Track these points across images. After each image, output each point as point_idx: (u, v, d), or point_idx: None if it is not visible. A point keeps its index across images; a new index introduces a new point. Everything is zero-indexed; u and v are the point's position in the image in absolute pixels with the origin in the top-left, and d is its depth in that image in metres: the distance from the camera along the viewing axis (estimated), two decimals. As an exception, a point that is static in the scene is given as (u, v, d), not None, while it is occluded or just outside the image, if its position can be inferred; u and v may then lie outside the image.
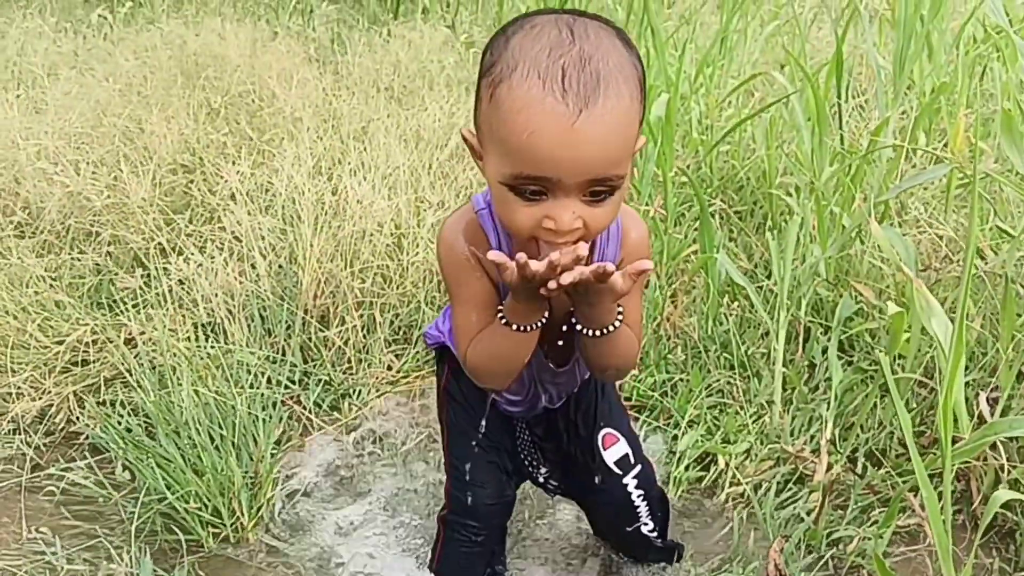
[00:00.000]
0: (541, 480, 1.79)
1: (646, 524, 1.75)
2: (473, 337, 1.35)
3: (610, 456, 1.68)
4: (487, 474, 1.68)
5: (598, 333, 1.30)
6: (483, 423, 1.62)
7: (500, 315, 1.30)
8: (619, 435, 1.70)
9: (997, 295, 2.29)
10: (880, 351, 2.24)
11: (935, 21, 3.71)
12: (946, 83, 2.82)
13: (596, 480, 1.69)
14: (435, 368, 1.78)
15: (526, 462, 1.77)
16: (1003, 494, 1.48)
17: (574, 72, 1.09)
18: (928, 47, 3.76)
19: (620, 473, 1.70)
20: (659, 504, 1.78)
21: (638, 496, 1.71)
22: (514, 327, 1.29)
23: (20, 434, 2.30)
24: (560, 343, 1.47)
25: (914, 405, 2.26)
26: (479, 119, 1.21)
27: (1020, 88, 3.06)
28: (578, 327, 1.31)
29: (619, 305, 1.29)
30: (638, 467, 1.71)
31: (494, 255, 1.15)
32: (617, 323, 1.29)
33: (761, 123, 3.38)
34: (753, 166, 3.42)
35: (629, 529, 1.75)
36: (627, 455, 1.70)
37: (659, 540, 1.81)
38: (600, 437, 1.69)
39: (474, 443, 1.65)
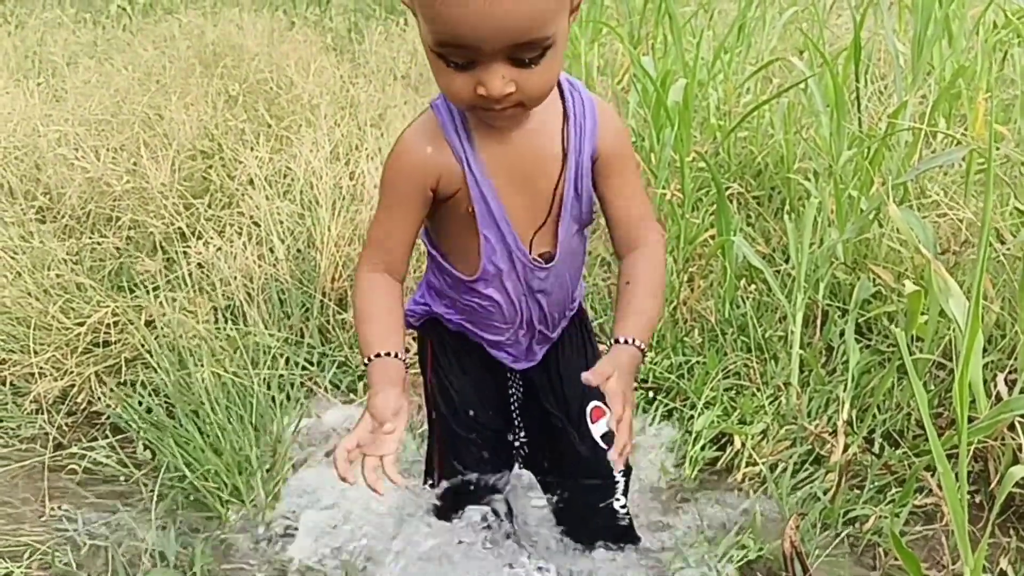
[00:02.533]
0: (516, 444, 1.73)
1: (619, 500, 1.69)
2: (384, 253, 1.40)
3: (597, 430, 1.64)
4: (476, 466, 1.67)
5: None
6: (470, 412, 1.63)
7: (367, 360, 1.37)
8: (606, 408, 1.67)
9: (1015, 277, 2.28)
10: (889, 337, 2.24)
11: (955, 6, 3.69)
12: (964, 67, 2.79)
13: (581, 451, 1.64)
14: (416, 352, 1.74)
15: (515, 419, 1.72)
16: (1018, 470, 1.48)
17: None
18: (948, 32, 3.74)
19: (605, 448, 1.63)
20: (628, 480, 1.73)
21: (618, 471, 1.68)
22: (364, 364, 1.38)
23: (43, 414, 2.33)
24: (542, 230, 1.44)
25: (932, 387, 2.25)
26: None
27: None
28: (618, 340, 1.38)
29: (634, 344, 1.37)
30: None
31: None
32: (644, 350, 1.36)
33: (779, 108, 3.37)
34: (771, 151, 3.41)
35: (601, 505, 1.69)
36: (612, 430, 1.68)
37: (626, 518, 1.73)
38: (589, 409, 1.65)
39: (471, 434, 1.65)
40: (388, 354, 1.35)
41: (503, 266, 1.44)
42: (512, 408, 1.72)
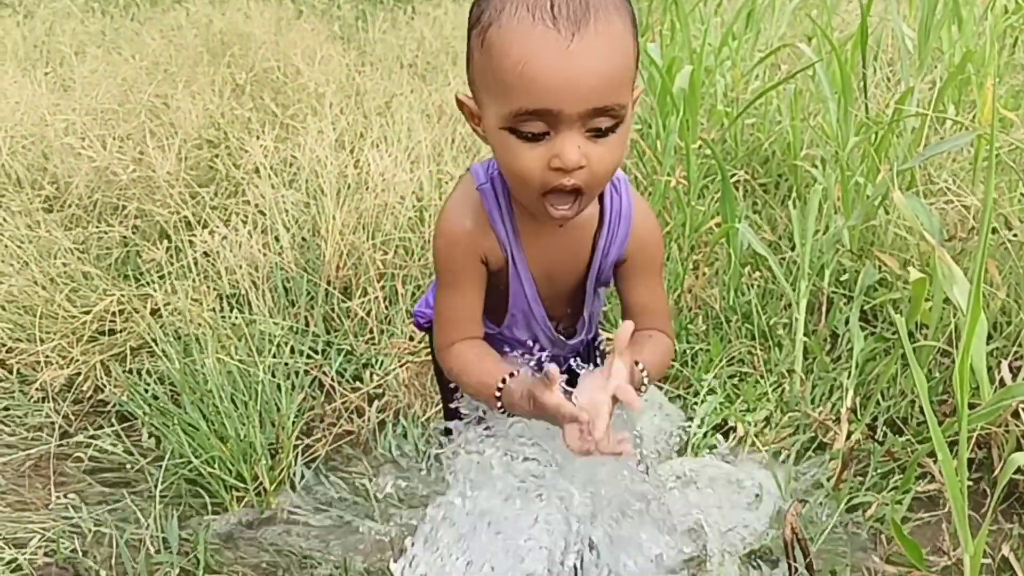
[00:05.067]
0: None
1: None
2: (459, 328, 1.39)
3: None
4: None
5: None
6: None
7: (498, 391, 1.30)
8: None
9: (1022, 264, 2.27)
10: (894, 324, 2.23)
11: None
12: (971, 52, 2.77)
13: None
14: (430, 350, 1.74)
15: None
16: (1020, 456, 1.47)
17: (563, 1, 1.09)
18: (957, 17, 3.71)
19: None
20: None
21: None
22: (499, 407, 1.31)
23: (49, 402, 2.35)
24: (568, 311, 1.48)
25: (937, 374, 2.25)
26: (473, 73, 1.20)
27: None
28: None
29: (638, 364, 1.31)
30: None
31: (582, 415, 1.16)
32: (645, 382, 1.32)
33: (786, 95, 3.35)
34: (778, 138, 3.39)
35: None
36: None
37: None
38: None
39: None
40: (511, 375, 1.31)
41: (526, 330, 1.49)
42: None
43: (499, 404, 1.31)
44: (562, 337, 1.51)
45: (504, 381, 1.30)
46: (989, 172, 1.41)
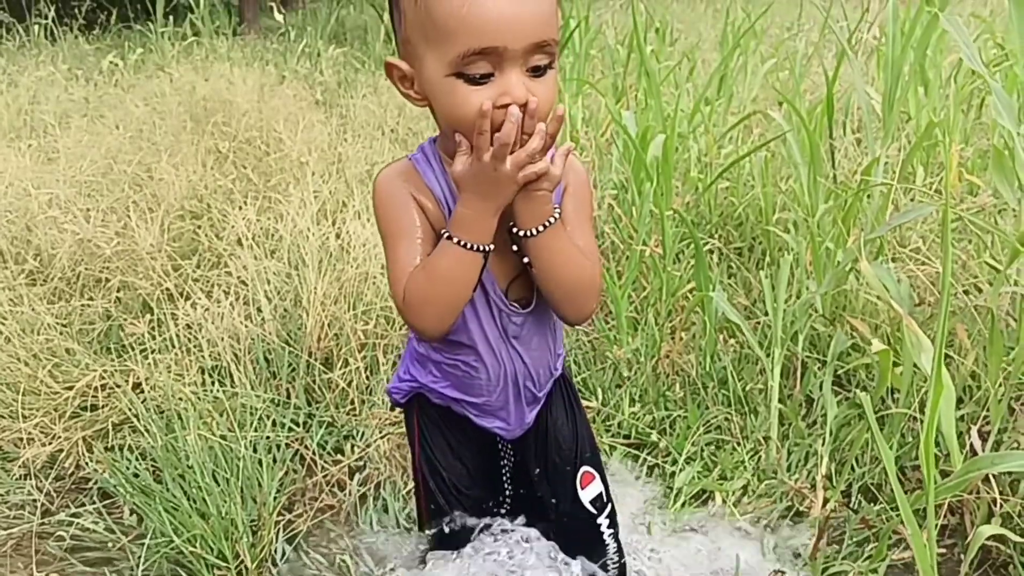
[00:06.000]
0: (503, 509, 1.75)
1: (612, 559, 1.74)
2: (410, 273, 1.34)
3: (587, 495, 1.67)
4: (462, 532, 1.69)
5: (540, 229, 1.31)
6: (458, 488, 1.64)
7: (446, 232, 1.30)
8: (595, 473, 1.71)
9: (988, 329, 2.32)
10: (867, 389, 2.27)
11: (930, 56, 3.77)
12: (933, 121, 2.86)
13: (567, 514, 1.67)
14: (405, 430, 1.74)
15: (506, 490, 1.74)
16: (987, 529, 1.50)
17: None
18: (924, 82, 3.81)
19: (595, 512, 1.68)
20: (616, 531, 1.75)
21: (609, 535, 1.70)
22: (461, 243, 1.29)
23: (31, 479, 2.35)
24: (515, 275, 1.46)
25: (910, 439, 2.28)
26: (407, 32, 1.25)
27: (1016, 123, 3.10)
28: (519, 233, 1.32)
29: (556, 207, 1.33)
30: (609, 505, 1.71)
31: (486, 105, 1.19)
32: (555, 217, 1.32)
33: (758, 161, 3.43)
34: (751, 203, 3.47)
35: (596, 561, 1.72)
36: (600, 494, 1.70)
37: (617, 558, 1.75)
38: (579, 475, 1.68)
39: (455, 509, 1.66)
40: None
41: (480, 310, 1.45)
42: (504, 479, 1.74)
43: (455, 241, 1.29)
44: (516, 306, 1.47)
45: (446, 234, 1.30)
46: (945, 244, 1.46)
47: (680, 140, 3.66)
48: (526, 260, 1.37)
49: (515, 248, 1.38)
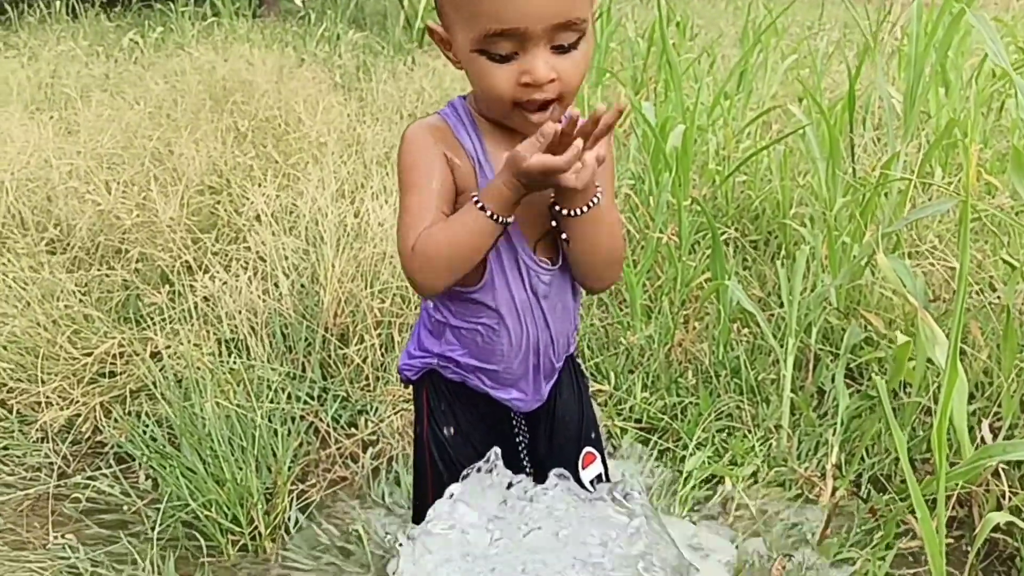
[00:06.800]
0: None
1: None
2: (427, 226, 1.31)
3: (587, 475, 1.67)
4: None
5: (584, 209, 1.32)
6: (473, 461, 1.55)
7: (475, 199, 1.29)
8: (597, 454, 1.71)
9: (1002, 326, 2.33)
10: (880, 376, 2.28)
11: (953, 56, 3.77)
12: (953, 119, 2.86)
13: None
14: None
15: (524, 466, 1.69)
16: (995, 516, 1.52)
17: None
18: (945, 82, 3.82)
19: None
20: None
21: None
22: (488, 212, 1.28)
23: (48, 442, 2.38)
24: (541, 234, 1.44)
25: (921, 432, 2.30)
26: (442, 5, 1.27)
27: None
28: (565, 212, 1.33)
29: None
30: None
31: (548, 126, 1.19)
32: (599, 196, 1.33)
33: (776, 156, 3.44)
34: (768, 197, 3.48)
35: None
36: (600, 475, 1.70)
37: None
38: (582, 455, 1.67)
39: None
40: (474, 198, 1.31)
41: (509, 270, 1.44)
42: (521, 456, 1.68)
43: (484, 209, 1.29)
44: (546, 263, 1.46)
45: (476, 200, 1.29)
46: (963, 241, 1.47)
47: (699, 133, 3.67)
48: (564, 236, 1.37)
49: (554, 223, 1.38)
